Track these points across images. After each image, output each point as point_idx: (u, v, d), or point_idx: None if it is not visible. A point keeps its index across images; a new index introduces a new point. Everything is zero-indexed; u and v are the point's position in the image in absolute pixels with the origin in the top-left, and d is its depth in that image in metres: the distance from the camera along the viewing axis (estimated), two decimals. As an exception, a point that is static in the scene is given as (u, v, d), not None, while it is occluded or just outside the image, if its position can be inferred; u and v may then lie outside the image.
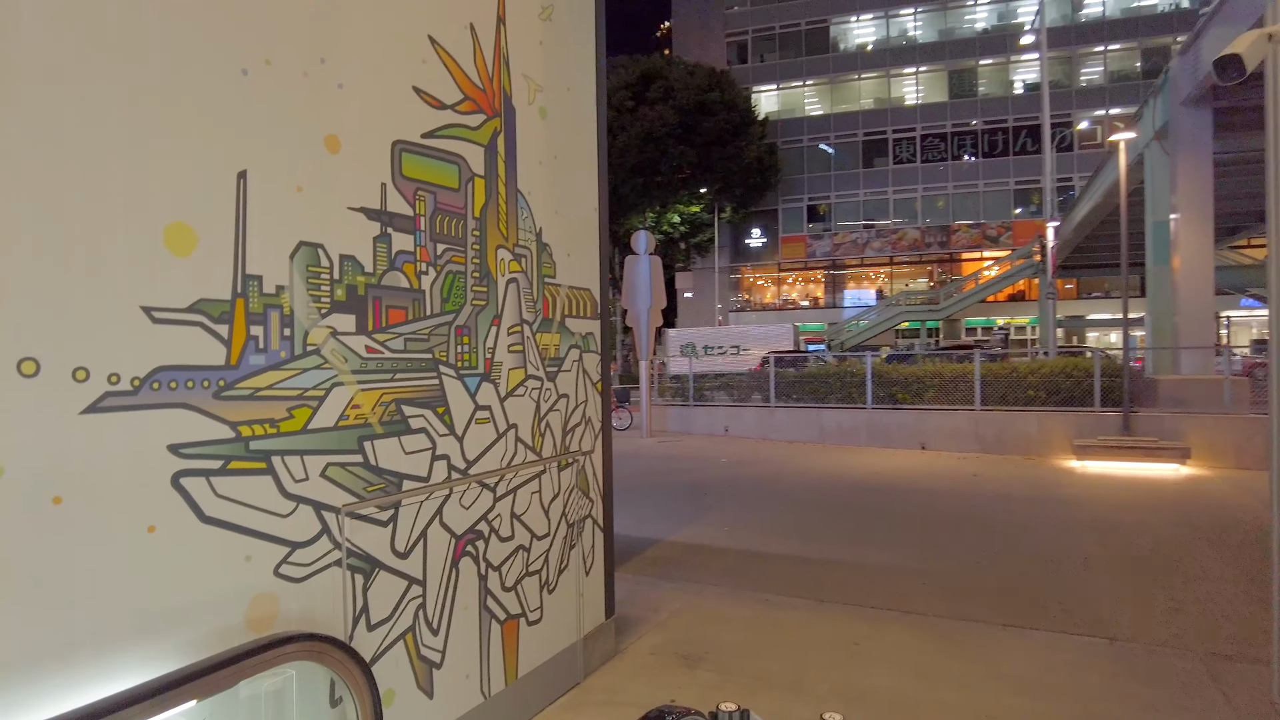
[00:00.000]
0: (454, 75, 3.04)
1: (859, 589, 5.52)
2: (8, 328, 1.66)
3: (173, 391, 2.00)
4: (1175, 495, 9.29)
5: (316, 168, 2.44)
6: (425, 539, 2.86)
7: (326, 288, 2.46)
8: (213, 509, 2.09)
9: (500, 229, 3.31)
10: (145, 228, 1.94)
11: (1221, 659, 4.14)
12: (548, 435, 3.66)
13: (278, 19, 2.31)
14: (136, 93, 1.92)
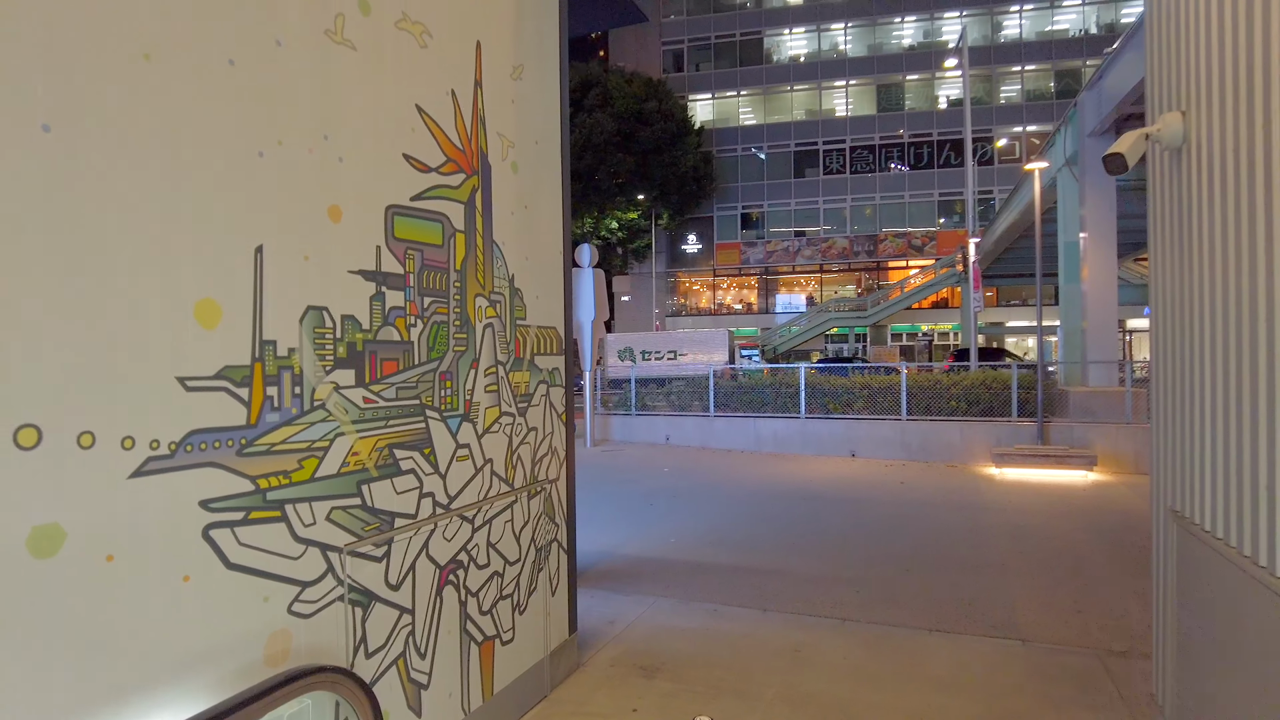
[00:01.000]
0: (438, 140, 3.29)
1: (798, 598, 5.94)
2: (70, 407, 1.86)
3: (202, 452, 2.21)
4: (1082, 501, 10.09)
5: (321, 237, 2.66)
6: (414, 571, 3.10)
7: (330, 346, 2.68)
8: (236, 556, 2.30)
9: (478, 278, 3.56)
10: (179, 306, 2.14)
11: (1115, 656, 4.69)
12: (519, 467, 3.93)
13: (288, 101, 2.53)
14: (169, 180, 2.12)
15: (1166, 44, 3.20)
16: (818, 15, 41.52)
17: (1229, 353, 2.60)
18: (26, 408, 1.77)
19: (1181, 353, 3.08)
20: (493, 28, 3.71)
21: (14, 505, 1.75)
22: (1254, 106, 2.40)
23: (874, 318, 37.18)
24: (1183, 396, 3.07)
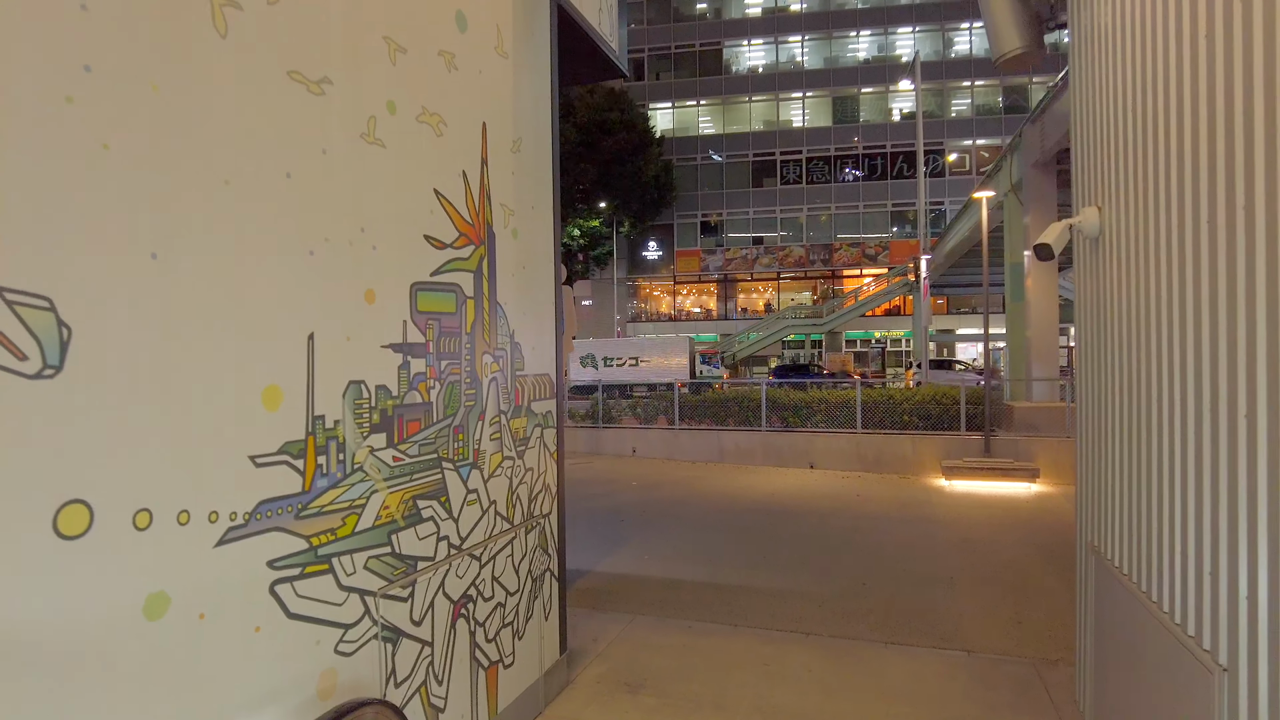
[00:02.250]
0: (452, 218, 3.65)
1: (765, 613, 6.40)
2: (171, 490, 2.19)
3: (269, 518, 2.55)
4: (1025, 513, 10.79)
5: (360, 318, 3.01)
6: (433, 608, 3.46)
7: (366, 414, 3.03)
8: (295, 606, 2.65)
9: (485, 337, 3.93)
10: (250, 395, 2.49)
11: (1049, 664, 5.24)
12: (518, 505, 4.30)
13: (333, 202, 2.88)
14: (245, 288, 2.46)
15: (1087, 150, 3.73)
16: (775, 27, 42.43)
17: (1129, 416, 3.10)
18: (142, 494, 2.10)
19: (1098, 412, 3.60)
20: (496, 108, 4.08)
21: (132, 577, 2.08)
22: (1150, 206, 2.90)
23: (829, 325, 38.13)
24: (1099, 452, 3.59)
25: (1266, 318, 2.00)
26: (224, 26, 2.40)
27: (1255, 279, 2.04)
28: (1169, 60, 2.68)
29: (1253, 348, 2.07)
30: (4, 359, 1.79)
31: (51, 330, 1.89)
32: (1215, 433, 2.31)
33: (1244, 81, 2.10)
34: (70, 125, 1.94)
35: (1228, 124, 2.20)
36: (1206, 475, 2.37)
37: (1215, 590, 2.31)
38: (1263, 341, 2.02)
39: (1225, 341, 2.24)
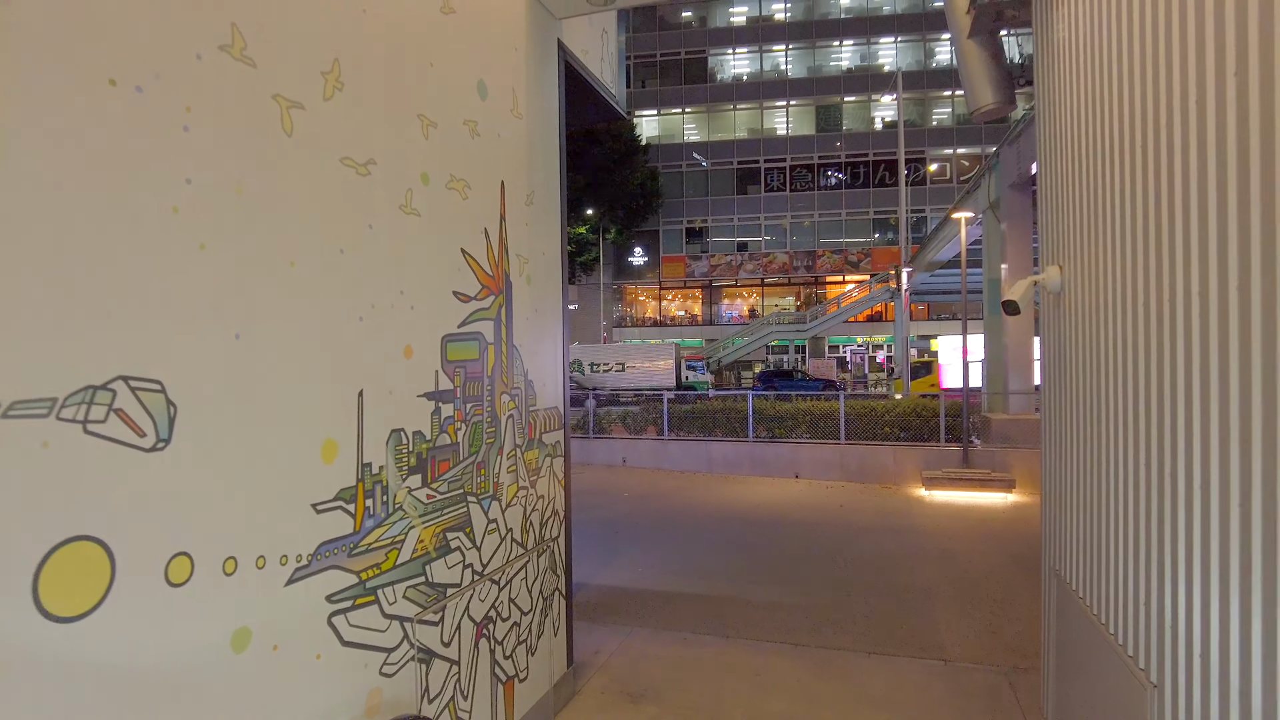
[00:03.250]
0: (476, 273, 4.00)
1: (755, 624, 6.78)
2: (251, 538, 2.52)
3: (327, 558, 2.88)
4: (1001, 524, 11.26)
5: (400, 372, 3.35)
6: (459, 630, 3.80)
7: (405, 459, 3.37)
8: (348, 635, 2.98)
9: (503, 379, 4.28)
10: (312, 449, 2.82)
11: (1019, 671, 5.65)
12: (531, 531, 4.64)
13: (378, 271, 3.21)
14: (311, 358, 2.80)
15: (1051, 213, 4.13)
16: (760, 37, 42.96)
17: (1084, 459, 3.50)
18: (230, 544, 2.44)
19: (1059, 450, 4.00)
20: (512, 166, 4.43)
21: (222, 616, 2.42)
22: (1101, 271, 3.30)
23: (813, 331, 38.67)
24: (1059, 489, 4.00)
25: (1184, 396, 2.38)
26: (290, 126, 2.74)
27: (1190, 353, 2.43)
28: (1118, 148, 3.07)
29: (1174, 416, 2.46)
30: (127, 436, 2.12)
31: (162, 409, 2.22)
32: (1149, 483, 2.70)
33: (1182, 176, 2.48)
34: (175, 231, 2.27)
35: (1169, 212, 2.58)
36: (1143, 518, 2.76)
37: (1149, 617, 2.70)
38: (1181, 415, 2.41)
39: (1157, 405, 2.63)
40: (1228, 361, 2.08)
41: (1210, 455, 2.20)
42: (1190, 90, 2.25)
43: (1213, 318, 2.16)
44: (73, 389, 1.97)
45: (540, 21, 4.80)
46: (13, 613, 1.83)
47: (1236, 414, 2.04)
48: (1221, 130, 2.08)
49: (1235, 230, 2.01)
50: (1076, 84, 3.62)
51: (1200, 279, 2.24)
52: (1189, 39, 2.25)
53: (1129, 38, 2.82)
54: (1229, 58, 1.93)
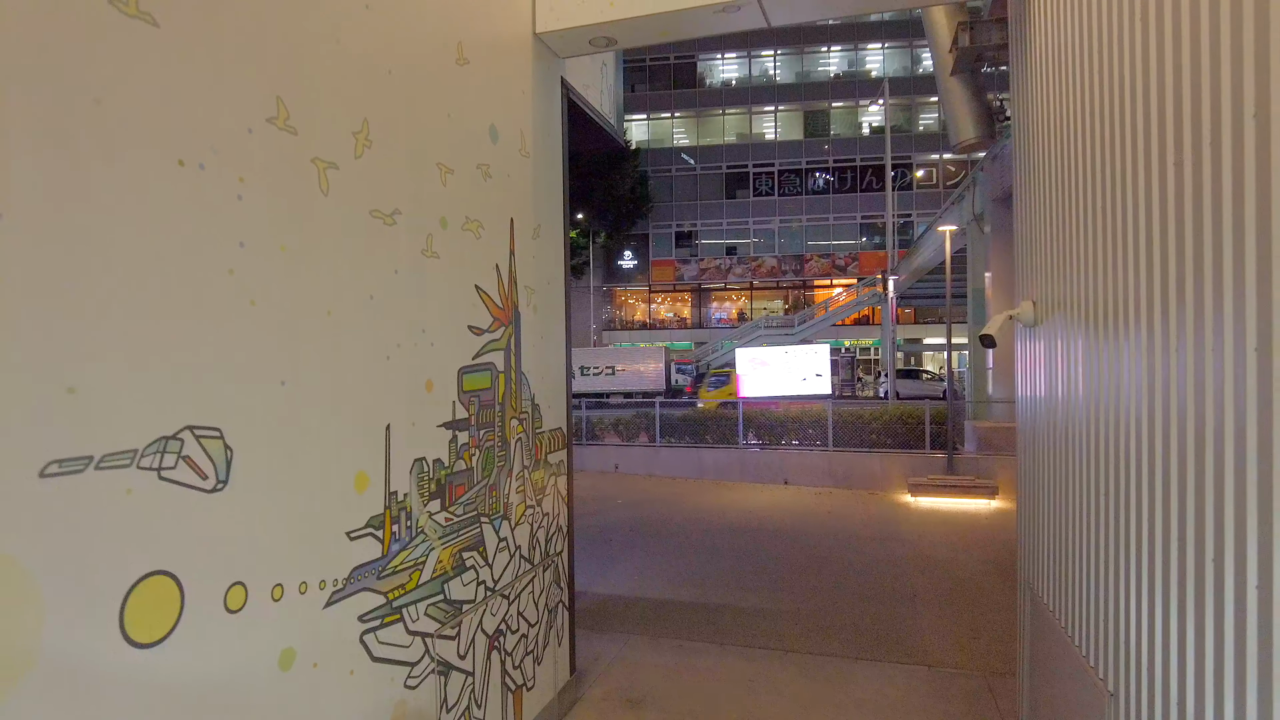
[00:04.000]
0: (488, 307, 4.25)
1: (747, 631, 7.06)
2: (295, 567, 2.77)
3: (359, 581, 3.13)
4: (983, 530, 11.59)
5: (422, 405, 3.60)
6: (474, 643, 4.05)
7: (427, 485, 3.62)
8: (378, 651, 3.23)
9: (512, 405, 4.53)
10: (346, 481, 3.07)
11: (999, 676, 5.96)
12: (537, 547, 4.90)
13: (403, 313, 3.46)
14: (340, 394, 3.04)
15: (1026, 252, 4.43)
16: (749, 42, 43.32)
17: (1053, 486, 3.80)
18: (277, 572, 2.68)
19: (1031, 473, 4.30)
20: (520, 203, 4.68)
21: (271, 638, 2.66)
22: (1067, 310, 3.59)
23: (801, 334, 39.04)
24: (1033, 512, 4.29)
25: (1135, 430, 2.67)
26: (326, 186, 2.99)
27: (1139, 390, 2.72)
28: (1082, 194, 3.36)
29: (1127, 449, 2.75)
30: (193, 480, 2.36)
31: (221, 453, 2.47)
32: (1106, 509, 2.98)
33: (1134, 230, 2.77)
34: (231, 291, 2.51)
35: (1130, 250, 2.87)
36: (1101, 540, 3.05)
37: (1106, 630, 2.98)
38: (1133, 448, 2.69)
39: (1112, 439, 2.91)
40: (1170, 396, 2.36)
41: (1156, 485, 2.48)
42: (1152, 141, 2.53)
43: (1157, 349, 2.45)
44: (149, 440, 2.21)
45: (546, 63, 5.05)
46: (104, 641, 2.07)
47: (1176, 447, 2.32)
48: (1179, 183, 2.36)
49: (1190, 271, 2.29)
50: (1049, 130, 3.91)
51: (1158, 316, 2.52)
52: (1151, 92, 2.53)
53: (1096, 86, 3.10)
54: (1204, 115, 2.20)
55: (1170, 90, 2.35)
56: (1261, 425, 1.83)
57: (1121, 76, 2.78)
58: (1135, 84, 2.65)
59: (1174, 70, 2.32)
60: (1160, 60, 2.43)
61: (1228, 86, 2.00)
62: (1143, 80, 2.58)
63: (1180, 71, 2.28)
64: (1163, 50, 2.41)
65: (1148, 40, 2.53)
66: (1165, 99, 2.40)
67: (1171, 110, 2.35)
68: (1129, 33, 2.70)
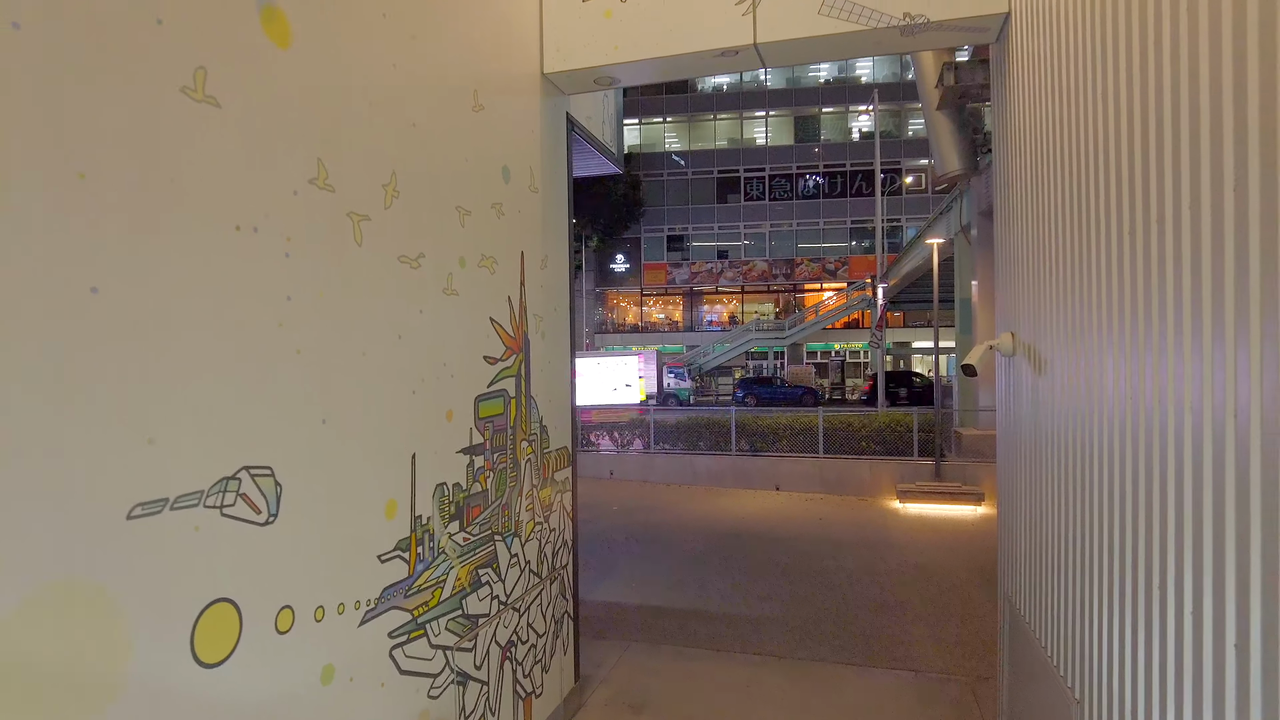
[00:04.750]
0: (501, 337, 4.51)
1: (742, 638, 7.33)
2: (333, 589, 3.02)
3: (389, 600, 3.38)
4: (969, 537, 11.92)
5: (443, 434, 3.85)
6: (489, 655, 4.31)
7: (447, 508, 3.87)
8: (405, 665, 3.49)
9: (523, 428, 4.79)
10: (377, 509, 3.32)
11: (981, 681, 6.25)
12: (545, 562, 5.16)
13: (428, 349, 3.71)
14: (373, 429, 3.29)
15: (1006, 285, 4.72)
16: None
17: (1028, 505, 4.09)
18: (319, 595, 2.93)
19: (1009, 492, 4.59)
20: (530, 237, 4.94)
21: (314, 655, 2.91)
22: (1038, 338, 3.88)
23: (791, 338, 39.48)
24: (1010, 528, 4.59)
25: (1099, 457, 2.95)
26: (360, 237, 3.24)
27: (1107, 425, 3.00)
28: (1056, 241, 3.65)
29: (1091, 477, 3.03)
30: (249, 515, 2.61)
31: (272, 489, 2.72)
32: (1071, 527, 3.27)
33: (1096, 270, 3.05)
34: (279, 342, 2.76)
35: (1089, 301, 3.15)
36: (1069, 556, 3.34)
37: (1073, 641, 3.27)
38: (1097, 475, 2.98)
39: (1077, 464, 3.20)
40: (1130, 426, 2.65)
41: (1115, 508, 2.76)
42: (1124, 186, 2.81)
43: (1117, 383, 2.73)
44: (213, 481, 2.46)
45: (552, 100, 5.31)
46: (178, 664, 2.32)
47: (1135, 475, 2.60)
48: (1146, 242, 2.65)
49: (1157, 314, 2.57)
50: (1026, 177, 4.20)
51: (1121, 353, 2.81)
52: (1121, 132, 2.81)
53: (1070, 126, 3.39)
54: (1166, 156, 2.48)
55: (1139, 156, 2.64)
56: (1216, 456, 2.11)
57: (1091, 132, 3.07)
58: (1103, 142, 2.94)
59: (1141, 134, 2.61)
60: (1130, 126, 2.72)
61: (1206, 155, 2.28)
62: (1113, 142, 2.87)
63: (1148, 136, 2.57)
64: (1129, 123, 2.70)
65: (1119, 102, 2.82)
66: (1135, 165, 2.68)
67: (1140, 173, 2.63)
68: (1101, 89, 2.99)
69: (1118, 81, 2.76)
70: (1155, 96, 2.43)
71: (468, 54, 4.21)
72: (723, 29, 4.75)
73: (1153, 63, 2.45)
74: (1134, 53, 2.60)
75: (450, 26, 4.02)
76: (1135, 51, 2.58)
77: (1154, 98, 2.43)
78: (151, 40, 2.28)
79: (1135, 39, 2.58)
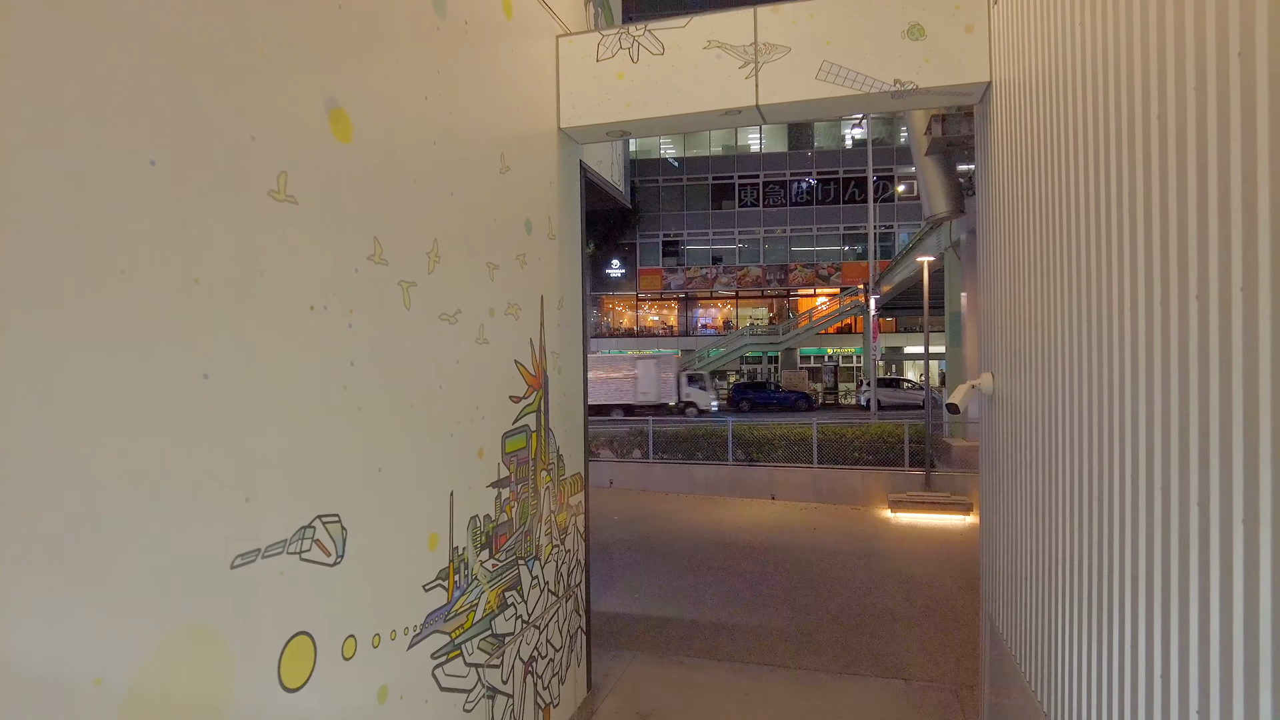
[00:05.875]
0: (524, 377, 4.89)
1: (741, 648, 7.73)
2: (387, 619, 3.40)
3: (431, 625, 3.77)
4: (958, 546, 12.35)
5: (474, 471, 4.24)
6: (513, 670, 4.70)
7: (479, 538, 4.26)
8: (444, 682, 3.87)
9: (543, 458, 5.18)
10: (421, 543, 3.70)
11: (967, 689, 6.67)
12: (561, 581, 5.54)
13: (464, 395, 4.09)
14: (419, 472, 3.67)
15: (988, 328, 5.13)
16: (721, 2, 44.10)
17: (1008, 535, 4.50)
18: (375, 625, 3.32)
19: (991, 525, 5.01)
20: (548, 281, 5.33)
21: (372, 677, 3.30)
22: (1018, 386, 4.29)
23: (785, 343, 39.95)
24: (992, 553, 5.00)
25: (1065, 488, 3.35)
26: (409, 301, 3.62)
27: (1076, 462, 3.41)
28: (1031, 289, 4.05)
29: (1058, 508, 3.44)
30: (321, 557, 3.00)
31: (339, 534, 3.10)
32: (1039, 550, 3.68)
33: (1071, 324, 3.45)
34: (345, 403, 3.15)
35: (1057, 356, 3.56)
36: (1038, 579, 3.75)
37: (1041, 658, 3.68)
38: (1064, 506, 3.39)
39: (1043, 495, 3.61)
40: (1093, 460, 3.05)
41: (1077, 535, 3.17)
42: (1090, 233, 3.22)
43: (1070, 419, 3.14)
44: (294, 530, 2.84)
45: (569, 153, 5.71)
46: (268, 690, 2.70)
47: (1099, 507, 3.01)
48: (1110, 277, 3.06)
49: (1129, 356, 2.98)
50: (1004, 218, 4.61)
51: (1080, 406, 3.22)
52: (1089, 188, 3.22)
53: (1044, 177, 3.79)
54: (1137, 197, 2.89)
55: (1094, 217, 3.05)
56: (1173, 486, 2.52)
57: (1057, 189, 3.48)
58: (1065, 200, 3.35)
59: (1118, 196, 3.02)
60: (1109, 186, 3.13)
61: (1152, 220, 2.69)
62: (1073, 201, 3.28)
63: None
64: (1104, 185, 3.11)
65: (1081, 167, 3.23)
66: (1090, 225, 3.09)
67: (1095, 232, 3.04)
68: (1068, 151, 3.40)
69: (1082, 146, 3.16)
70: (1106, 169, 2.83)
71: (496, 118, 4.59)
72: (727, 91, 5.15)
73: (1113, 134, 2.84)
74: (1098, 122, 2.99)
75: (482, 95, 4.40)
76: (1099, 121, 2.98)
77: (1105, 171, 2.84)
78: (247, 155, 2.66)
79: (1100, 111, 2.99)
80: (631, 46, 5.32)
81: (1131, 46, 2.55)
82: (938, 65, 4.84)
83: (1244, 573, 1.86)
